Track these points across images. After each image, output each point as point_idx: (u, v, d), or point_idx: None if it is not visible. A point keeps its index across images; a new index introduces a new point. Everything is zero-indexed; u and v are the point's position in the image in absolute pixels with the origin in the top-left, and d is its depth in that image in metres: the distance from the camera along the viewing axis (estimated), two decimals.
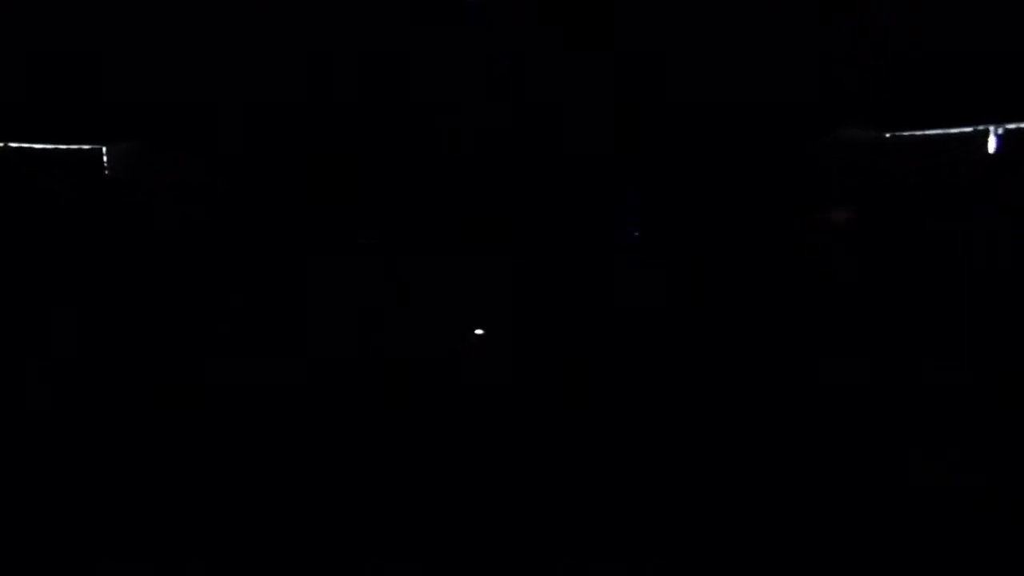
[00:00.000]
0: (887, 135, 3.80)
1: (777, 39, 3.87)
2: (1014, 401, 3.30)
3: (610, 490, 3.00)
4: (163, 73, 3.93)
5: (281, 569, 2.50)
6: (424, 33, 3.96)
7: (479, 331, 3.69)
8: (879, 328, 3.68)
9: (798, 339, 3.77)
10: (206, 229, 3.94)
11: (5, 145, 3.77)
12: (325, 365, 3.81)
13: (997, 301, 3.50)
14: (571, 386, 3.80)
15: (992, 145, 3.60)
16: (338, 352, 3.86)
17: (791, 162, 3.91)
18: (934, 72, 3.69)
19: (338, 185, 4.05)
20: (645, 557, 2.56)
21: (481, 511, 2.85)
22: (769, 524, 2.74)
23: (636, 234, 4.05)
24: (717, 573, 2.49)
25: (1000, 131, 3.58)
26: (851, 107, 3.84)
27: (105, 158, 3.76)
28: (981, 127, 3.62)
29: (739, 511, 2.83)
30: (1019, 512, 2.74)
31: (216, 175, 3.99)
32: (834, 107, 3.85)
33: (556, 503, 2.89)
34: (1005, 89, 3.55)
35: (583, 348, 3.91)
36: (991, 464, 3.11)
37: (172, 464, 3.20)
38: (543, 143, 4.04)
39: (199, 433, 3.44)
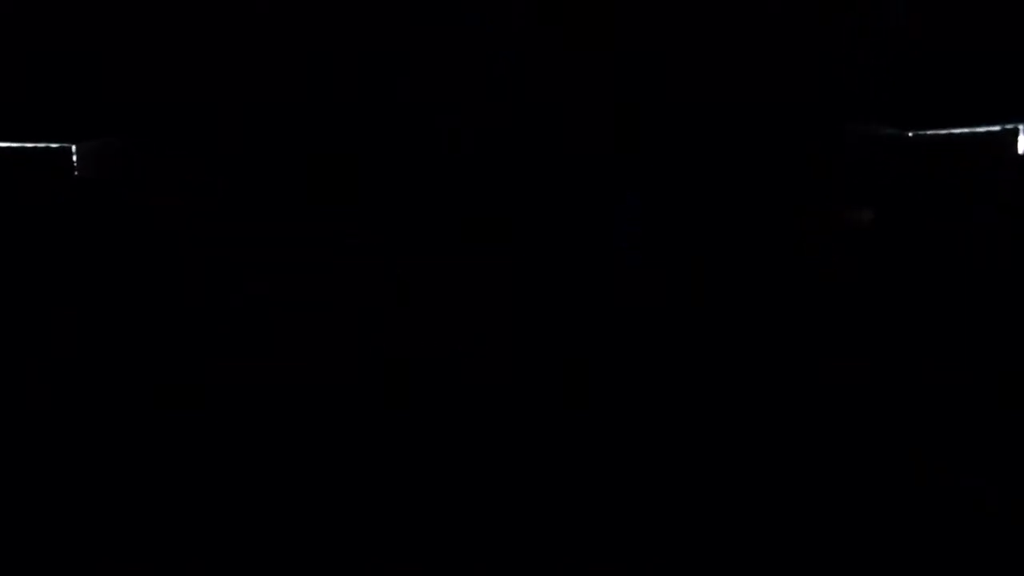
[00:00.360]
0: (909, 134, 3.66)
1: (777, 39, 3.86)
2: (1014, 401, 3.30)
3: (610, 490, 3.00)
4: (160, 71, 3.92)
5: (281, 569, 2.50)
6: (424, 33, 3.96)
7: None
8: (879, 328, 3.68)
9: (798, 339, 3.77)
10: (205, 228, 3.94)
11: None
12: (325, 365, 3.81)
13: (997, 301, 3.50)
14: (571, 386, 3.80)
15: (1022, 145, 3.46)
16: (338, 352, 3.86)
17: (791, 162, 3.90)
18: (958, 67, 3.55)
19: (338, 185, 4.05)
20: (645, 557, 2.56)
21: (481, 511, 2.85)
22: (769, 524, 2.74)
23: (636, 234, 4.05)
24: (717, 573, 2.49)
25: None
26: (853, 106, 3.84)
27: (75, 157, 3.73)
28: (1010, 125, 3.49)
29: (740, 511, 2.83)
30: (1019, 512, 2.74)
31: (215, 175, 3.99)
32: (835, 106, 3.85)
33: (556, 503, 2.89)
34: None
35: (583, 348, 3.91)
36: (991, 464, 3.11)
37: (172, 464, 3.20)
38: (543, 143, 4.04)
39: (199, 433, 3.44)
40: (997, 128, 3.50)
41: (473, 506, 2.89)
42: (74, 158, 3.78)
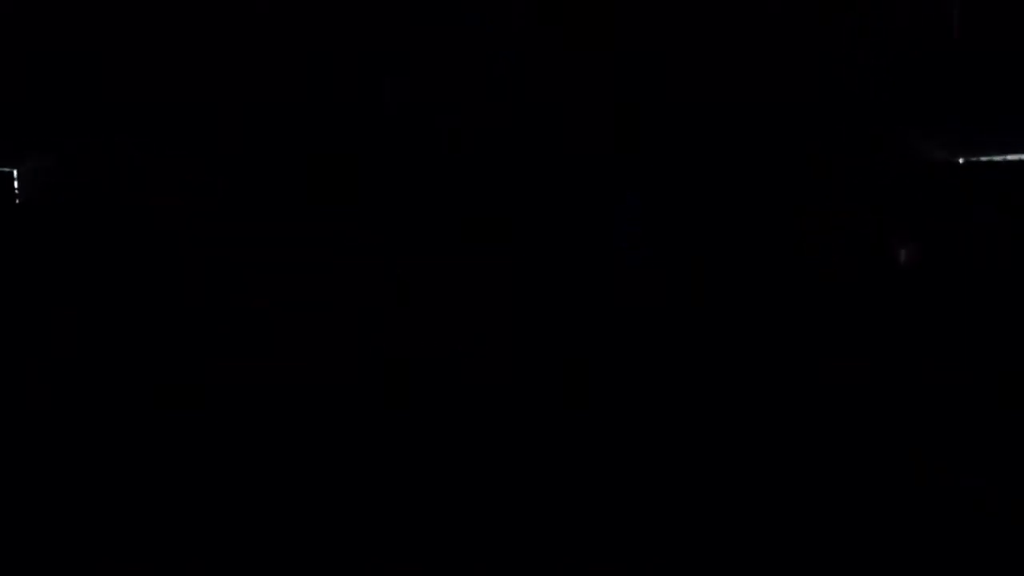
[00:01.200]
0: (960, 160, 3.17)
1: (777, 39, 3.86)
2: (1014, 401, 3.30)
3: (610, 490, 3.00)
4: (160, 71, 3.92)
5: (281, 569, 2.50)
6: (424, 33, 3.96)
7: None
8: (879, 328, 3.68)
9: (798, 339, 3.77)
10: (205, 228, 3.94)
11: None
12: (325, 365, 3.81)
13: (997, 301, 3.50)
14: (571, 386, 3.80)
15: None
16: (338, 352, 3.86)
17: (791, 162, 3.90)
18: (1016, 88, 3.06)
19: (338, 185, 4.05)
20: (645, 557, 2.56)
21: (481, 511, 2.85)
22: (769, 524, 2.74)
23: (636, 234, 4.05)
24: (717, 573, 2.49)
25: None
26: (852, 106, 3.83)
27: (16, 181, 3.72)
28: None
29: (739, 511, 2.83)
30: (1019, 512, 2.74)
31: (215, 175, 3.99)
32: (835, 107, 3.85)
33: (556, 503, 2.89)
34: None
35: (583, 348, 3.91)
36: (991, 464, 3.11)
37: (172, 464, 3.19)
38: (543, 143, 4.04)
39: (199, 433, 3.44)
40: None
41: (473, 506, 2.89)
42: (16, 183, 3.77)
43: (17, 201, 3.62)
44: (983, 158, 3.11)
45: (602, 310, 3.95)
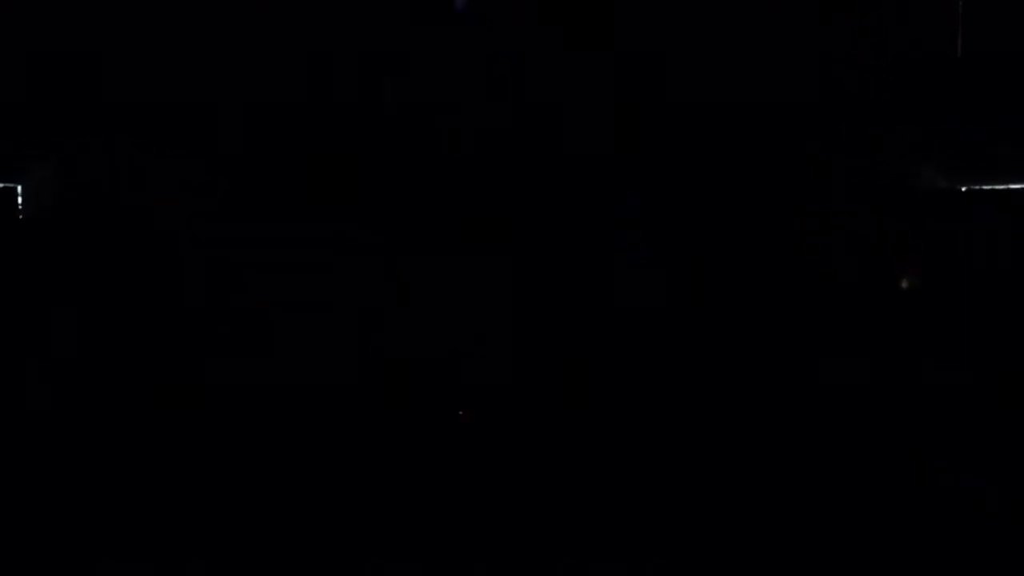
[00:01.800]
0: (962, 188, 2.95)
1: (777, 39, 3.86)
2: (1014, 401, 3.30)
3: (610, 490, 3.00)
4: (160, 71, 3.92)
5: (281, 569, 2.50)
6: (424, 33, 3.96)
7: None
8: (879, 328, 3.68)
9: (798, 339, 3.77)
10: (205, 228, 3.94)
11: None
12: (325, 365, 3.81)
13: (997, 301, 3.50)
14: (571, 386, 3.80)
15: None
16: (338, 352, 3.86)
17: (791, 162, 3.90)
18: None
19: (338, 185, 4.05)
20: (645, 557, 2.56)
21: (481, 511, 2.85)
22: (769, 524, 2.74)
23: (636, 234, 4.05)
24: (717, 573, 2.49)
25: None
26: (852, 106, 3.84)
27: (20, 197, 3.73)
28: None
29: (740, 511, 2.83)
30: (1019, 512, 2.74)
31: (215, 175, 3.99)
32: (835, 107, 3.85)
33: (556, 503, 2.89)
34: None
35: (583, 348, 3.91)
36: (991, 464, 3.11)
37: (172, 464, 3.20)
38: (543, 143, 4.04)
39: (199, 433, 3.44)
40: None
41: (473, 506, 2.89)
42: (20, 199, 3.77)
43: (21, 216, 3.64)
44: (985, 187, 2.96)
45: (602, 310, 3.95)
